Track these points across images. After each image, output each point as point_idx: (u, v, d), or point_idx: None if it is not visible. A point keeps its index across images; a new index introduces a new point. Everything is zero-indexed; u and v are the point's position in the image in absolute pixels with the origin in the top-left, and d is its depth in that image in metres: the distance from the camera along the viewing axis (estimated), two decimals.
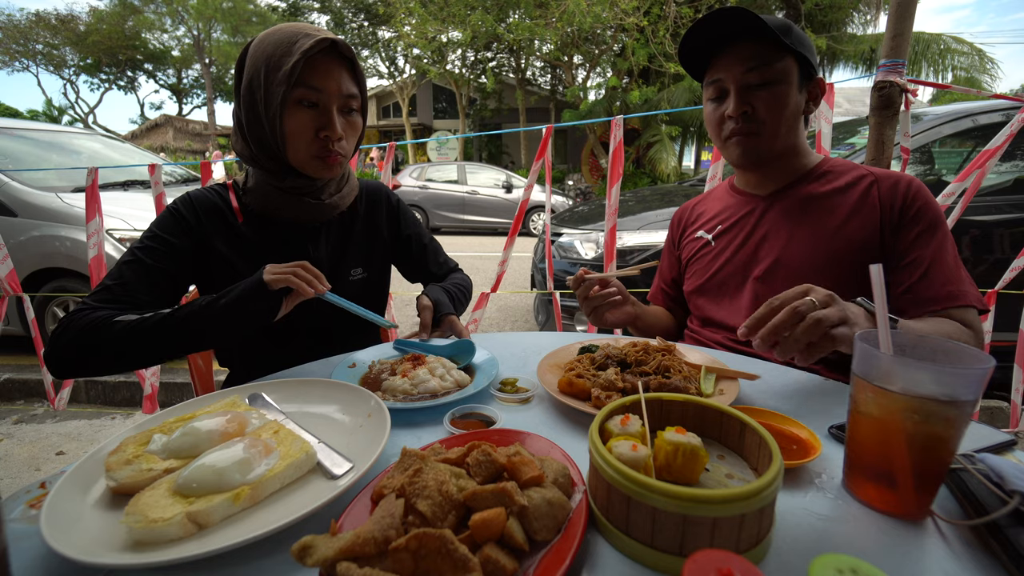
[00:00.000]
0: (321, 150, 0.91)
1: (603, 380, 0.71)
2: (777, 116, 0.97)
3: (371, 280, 1.11)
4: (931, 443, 0.47)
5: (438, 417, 0.68)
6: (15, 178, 3.01)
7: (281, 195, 0.96)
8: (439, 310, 1.03)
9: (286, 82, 0.85)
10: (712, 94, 1.03)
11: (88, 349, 0.80)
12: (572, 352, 0.88)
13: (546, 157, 2.18)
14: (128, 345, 0.80)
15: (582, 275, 1.02)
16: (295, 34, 0.87)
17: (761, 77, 0.95)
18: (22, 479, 2.19)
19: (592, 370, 0.76)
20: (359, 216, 1.10)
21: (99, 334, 0.79)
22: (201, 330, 0.81)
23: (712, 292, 1.11)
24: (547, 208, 2.52)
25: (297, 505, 0.49)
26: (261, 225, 0.99)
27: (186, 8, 20.20)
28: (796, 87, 0.97)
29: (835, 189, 0.99)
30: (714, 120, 1.04)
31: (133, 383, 2.88)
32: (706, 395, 0.70)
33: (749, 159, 1.02)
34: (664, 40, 11.67)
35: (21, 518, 0.49)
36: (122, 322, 0.80)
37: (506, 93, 16.33)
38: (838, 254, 0.94)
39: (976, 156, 1.82)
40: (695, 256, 1.17)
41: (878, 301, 0.52)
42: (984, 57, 10.50)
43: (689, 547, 0.40)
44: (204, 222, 0.96)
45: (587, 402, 0.69)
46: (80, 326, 0.80)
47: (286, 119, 0.88)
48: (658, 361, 0.78)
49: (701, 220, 1.19)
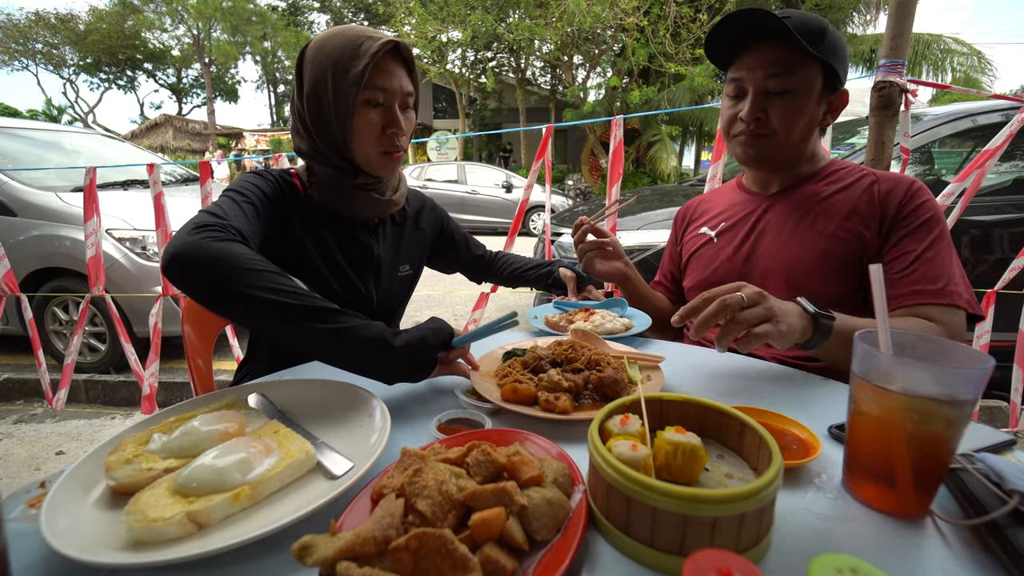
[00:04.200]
0: (389, 146, 0.95)
1: (547, 382, 0.70)
2: (789, 127, 0.96)
3: (413, 277, 1.18)
4: (931, 443, 0.47)
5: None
6: (14, 177, 3.00)
7: (353, 190, 0.98)
8: (581, 280, 1.25)
9: (357, 84, 0.88)
10: (731, 91, 1.02)
11: (225, 279, 0.67)
12: (497, 358, 0.86)
13: (546, 157, 2.18)
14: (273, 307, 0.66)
15: (582, 221, 1.12)
16: (358, 37, 0.90)
17: (781, 85, 0.93)
18: (22, 479, 2.19)
19: (527, 374, 0.75)
20: (408, 216, 1.15)
21: (249, 273, 0.67)
22: (346, 349, 0.69)
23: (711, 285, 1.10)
24: (547, 208, 2.52)
25: (297, 505, 0.49)
26: (326, 217, 1.00)
27: (186, 8, 20.15)
28: (816, 98, 0.95)
29: (837, 189, 0.99)
30: (727, 117, 1.04)
31: (132, 383, 2.88)
32: (635, 382, 0.73)
33: (752, 158, 1.02)
34: (664, 40, 11.67)
35: (21, 518, 0.49)
36: (284, 283, 0.68)
37: (506, 93, 16.31)
38: (837, 253, 0.94)
39: (976, 156, 1.82)
40: (696, 252, 1.16)
41: (878, 301, 0.52)
42: (983, 58, 10.50)
43: (689, 547, 0.40)
44: (289, 200, 0.97)
45: (535, 407, 0.68)
46: (233, 250, 0.69)
47: (356, 119, 0.92)
48: (587, 356, 0.78)
49: (706, 217, 1.18)
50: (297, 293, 0.68)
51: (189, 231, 0.71)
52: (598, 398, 0.72)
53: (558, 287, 1.26)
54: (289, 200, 0.97)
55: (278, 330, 0.68)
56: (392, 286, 1.11)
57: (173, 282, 0.69)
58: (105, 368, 3.07)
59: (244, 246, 0.72)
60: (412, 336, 0.71)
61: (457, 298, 4.85)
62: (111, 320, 2.59)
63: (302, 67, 0.94)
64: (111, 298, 2.53)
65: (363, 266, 1.04)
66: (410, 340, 0.70)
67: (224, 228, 0.73)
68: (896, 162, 1.87)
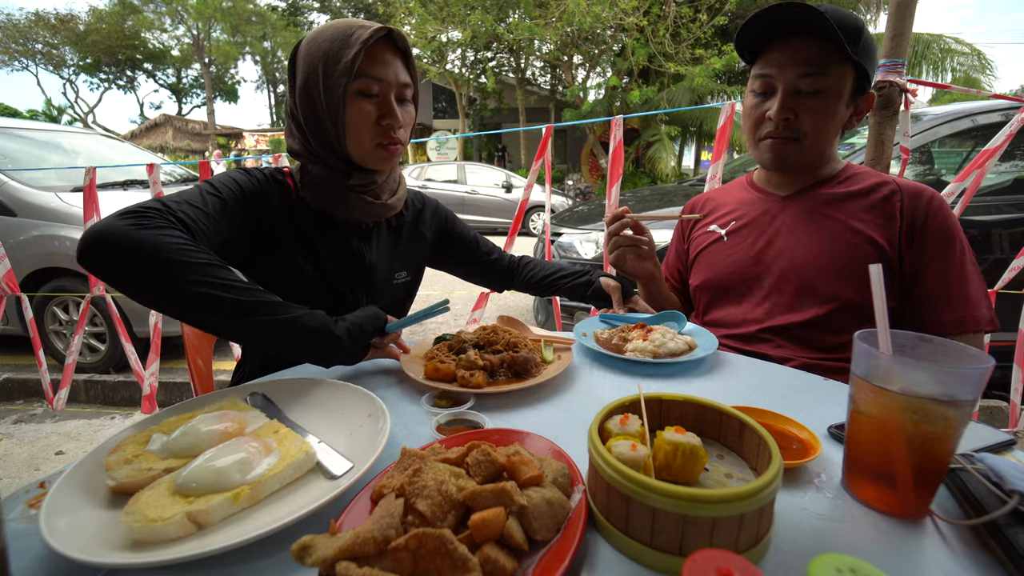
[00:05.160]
0: (383, 138, 0.91)
1: (464, 360, 0.79)
2: (819, 130, 0.93)
3: (410, 284, 1.14)
4: (930, 443, 0.47)
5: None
6: (14, 178, 3.00)
7: (345, 192, 0.94)
8: (626, 291, 1.14)
9: (347, 74, 0.84)
10: (758, 88, 0.97)
11: (152, 269, 0.64)
12: (428, 343, 0.93)
13: (546, 157, 2.18)
14: (206, 301, 0.66)
15: (623, 212, 1.05)
16: (350, 27, 0.87)
17: (813, 85, 0.90)
18: (21, 479, 2.19)
19: (452, 355, 0.83)
20: (405, 220, 1.10)
21: (179, 265, 0.65)
22: (289, 339, 0.71)
23: (719, 289, 1.09)
24: (547, 208, 2.52)
25: (297, 505, 0.49)
26: (316, 220, 0.97)
27: (186, 8, 20.16)
28: (846, 101, 0.92)
29: (854, 192, 0.97)
30: (753, 116, 0.99)
31: (132, 383, 2.88)
32: (549, 362, 0.85)
33: (779, 164, 1.00)
34: (664, 40, 11.68)
35: (20, 518, 0.49)
36: (219, 275, 0.67)
37: (506, 93, 16.31)
38: (853, 258, 0.92)
39: (975, 156, 1.83)
40: (705, 250, 1.14)
41: (877, 301, 0.52)
42: (983, 58, 10.50)
43: (688, 547, 0.40)
44: (277, 201, 0.93)
45: (453, 383, 0.76)
46: (172, 239, 0.67)
47: (348, 111, 0.88)
48: (506, 339, 0.87)
49: (715, 214, 1.15)
50: (237, 287, 0.69)
51: (116, 216, 0.67)
52: (511, 375, 0.81)
53: (599, 299, 1.16)
54: (276, 200, 0.93)
55: (216, 325, 0.70)
56: (387, 293, 1.07)
57: (90, 268, 0.65)
58: (105, 368, 3.07)
59: (181, 235, 0.69)
60: (352, 324, 0.78)
61: (457, 298, 4.85)
62: (111, 320, 2.59)
63: (295, 64, 0.91)
64: (111, 298, 2.54)
65: (353, 273, 1.00)
66: (350, 328, 0.77)
67: (162, 215, 0.70)
68: (896, 162, 1.87)
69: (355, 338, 0.77)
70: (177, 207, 0.75)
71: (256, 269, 0.95)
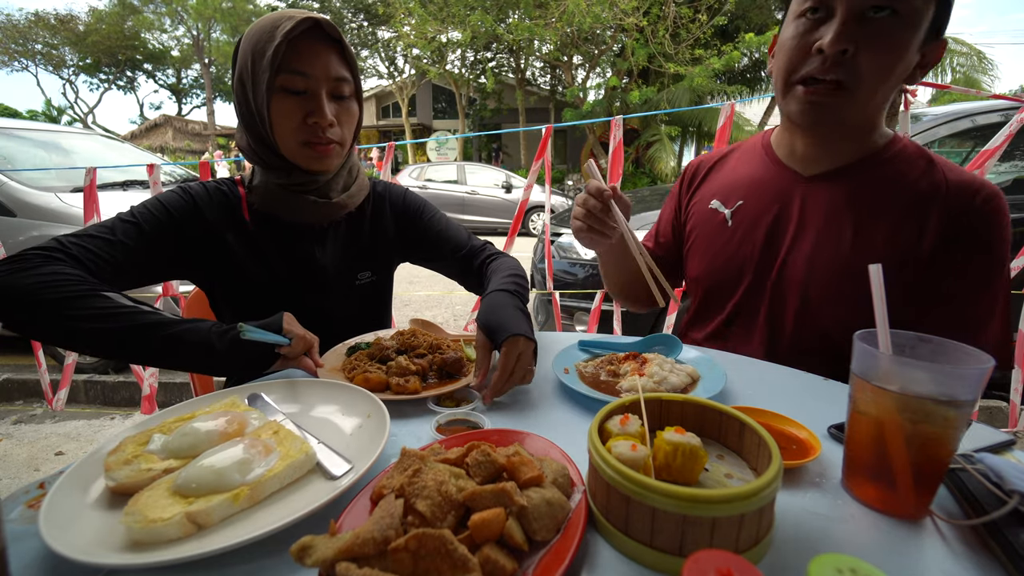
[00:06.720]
0: (311, 136, 0.86)
1: (396, 367, 0.77)
2: (882, 73, 0.71)
3: (378, 283, 1.07)
4: (930, 443, 0.47)
5: None
6: (14, 178, 3.00)
7: (287, 194, 0.90)
8: (495, 338, 0.76)
9: (269, 68, 0.80)
10: (808, 4, 0.72)
11: (35, 307, 0.66)
12: (341, 353, 0.88)
13: (546, 157, 2.18)
14: (89, 334, 0.68)
15: (610, 195, 0.81)
16: (278, 19, 0.82)
17: (888, 2, 0.67)
18: (21, 479, 2.19)
19: (375, 364, 0.81)
20: (367, 216, 1.04)
21: (65, 302, 0.67)
22: (173, 360, 0.74)
23: (716, 283, 0.93)
24: (547, 208, 2.52)
25: (297, 505, 0.49)
26: (267, 225, 0.94)
27: (185, 8, 20.17)
28: (920, 39, 0.71)
29: (896, 181, 0.79)
30: (794, 49, 0.75)
31: (132, 383, 2.88)
32: (472, 360, 0.82)
33: (816, 119, 0.77)
34: (664, 40, 11.69)
35: (20, 518, 0.49)
36: (98, 305, 0.69)
37: (506, 93, 16.32)
38: (895, 268, 0.75)
39: (975, 156, 1.83)
40: (702, 230, 0.95)
41: (877, 301, 0.52)
42: (983, 58, 10.52)
43: (688, 547, 0.40)
44: (218, 214, 0.91)
45: (387, 391, 0.74)
46: (47, 276, 0.68)
47: (272, 107, 0.83)
48: (428, 342, 0.86)
49: (719, 185, 0.96)
50: (115, 314, 0.69)
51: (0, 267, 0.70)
52: (442, 377, 0.80)
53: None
54: (219, 213, 0.91)
55: (105, 353, 0.72)
56: (350, 296, 1.01)
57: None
58: (105, 368, 3.07)
59: (65, 268, 0.71)
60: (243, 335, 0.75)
61: (456, 298, 4.85)
62: None
63: (235, 57, 0.87)
64: None
65: (305, 277, 0.95)
66: (234, 339, 0.73)
67: (44, 255, 0.72)
68: None
69: (240, 350, 0.73)
70: (73, 243, 0.76)
71: (216, 284, 0.93)
